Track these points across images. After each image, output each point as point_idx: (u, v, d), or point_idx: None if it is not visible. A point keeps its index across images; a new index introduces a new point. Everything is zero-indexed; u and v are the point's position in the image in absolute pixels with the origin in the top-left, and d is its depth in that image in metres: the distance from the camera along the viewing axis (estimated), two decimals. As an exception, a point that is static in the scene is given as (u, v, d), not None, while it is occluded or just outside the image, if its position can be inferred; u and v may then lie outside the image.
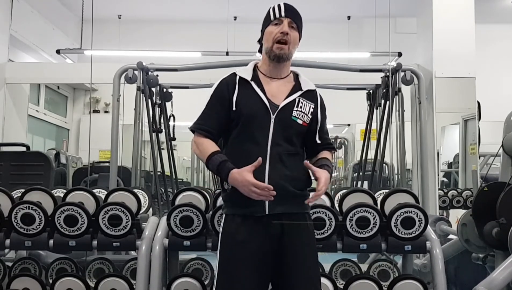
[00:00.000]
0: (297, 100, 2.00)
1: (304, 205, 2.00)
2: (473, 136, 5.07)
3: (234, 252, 1.92)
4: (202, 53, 6.57)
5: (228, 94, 1.98)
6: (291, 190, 1.92)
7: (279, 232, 1.92)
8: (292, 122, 1.97)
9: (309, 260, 1.96)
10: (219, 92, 2.00)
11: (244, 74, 2.01)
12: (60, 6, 7.30)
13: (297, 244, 1.94)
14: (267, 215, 1.91)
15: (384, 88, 4.56)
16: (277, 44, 1.97)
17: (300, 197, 1.97)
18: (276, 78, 2.03)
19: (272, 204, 1.89)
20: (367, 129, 5.05)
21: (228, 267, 1.93)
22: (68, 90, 8.11)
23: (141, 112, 4.43)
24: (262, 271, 1.92)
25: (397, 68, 4.41)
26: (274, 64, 2.01)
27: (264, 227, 1.91)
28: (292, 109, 1.98)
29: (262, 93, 1.97)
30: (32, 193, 2.60)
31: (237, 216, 1.94)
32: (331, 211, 2.41)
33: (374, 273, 2.83)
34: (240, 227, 1.92)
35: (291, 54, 2.01)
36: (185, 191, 2.61)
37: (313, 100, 2.05)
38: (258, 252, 1.90)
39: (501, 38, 7.42)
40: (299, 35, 2.05)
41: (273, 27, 1.99)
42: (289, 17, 1.99)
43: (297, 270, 1.92)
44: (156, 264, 2.41)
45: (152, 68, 4.48)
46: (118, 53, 6.80)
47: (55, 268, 2.90)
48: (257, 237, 1.90)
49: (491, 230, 2.50)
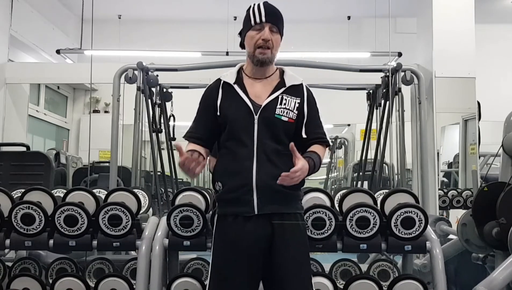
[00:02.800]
0: (280, 97, 2.00)
1: (296, 204, 2.01)
2: (473, 136, 5.07)
3: (225, 251, 1.95)
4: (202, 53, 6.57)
5: (212, 100, 2.02)
6: (280, 189, 1.91)
7: (269, 232, 1.93)
8: (276, 120, 1.98)
9: (300, 260, 1.97)
10: (205, 99, 2.07)
11: (228, 78, 2.04)
12: (60, 6, 7.29)
13: (288, 244, 1.94)
14: (257, 215, 1.92)
15: (384, 88, 4.56)
16: (259, 49, 1.98)
17: (290, 196, 1.98)
18: (261, 78, 2.04)
19: (261, 204, 1.92)
20: (367, 129, 5.06)
21: (220, 266, 1.96)
22: (68, 90, 8.10)
23: (141, 112, 4.43)
24: (253, 270, 1.94)
25: (397, 68, 4.41)
26: (257, 67, 2.02)
27: (254, 227, 1.92)
28: (275, 107, 1.99)
29: (244, 95, 1.99)
30: (32, 193, 2.60)
31: (228, 216, 1.97)
32: (331, 211, 2.41)
33: (374, 273, 2.83)
34: (230, 227, 1.95)
35: (273, 57, 2.02)
36: (185, 191, 2.61)
37: (298, 95, 2.03)
38: (249, 252, 1.92)
39: (501, 38, 7.41)
40: (281, 35, 2.04)
41: (254, 32, 1.99)
42: (269, 22, 1.98)
43: (288, 271, 1.93)
44: (156, 264, 2.41)
45: (152, 68, 4.48)
46: (118, 53, 6.80)
47: (55, 268, 2.90)
48: (247, 237, 1.92)
49: (491, 230, 2.51)
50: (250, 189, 1.92)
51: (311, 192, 2.62)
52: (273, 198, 1.92)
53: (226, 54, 6.39)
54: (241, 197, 1.93)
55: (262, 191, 1.92)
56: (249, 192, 1.92)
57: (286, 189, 1.93)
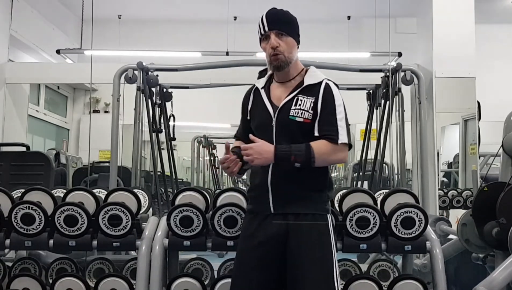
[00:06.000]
0: (295, 98, 2.04)
1: (316, 205, 2.02)
2: (473, 136, 5.07)
3: (244, 244, 2.09)
4: (202, 53, 6.56)
5: (246, 105, 2.18)
6: (294, 190, 1.99)
7: (283, 231, 1.98)
8: (290, 121, 2.01)
9: (315, 260, 1.96)
10: (243, 105, 2.22)
11: (259, 83, 2.16)
12: (60, 6, 7.29)
13: (302, 244, 1.97)
14: (274, 214, 2.00)
15: (384, 88, 4.56)
16: (272, 58, 2.05)
17: (309, 197, 2.01)
18: (284, 81, 2.11)
19: (276, 204, 2.00)
20: (367, 129, 5.05)
21: (239, 258, 2.11)
22: (68, 90, 8.10)
23: (141, 112, 4.43)
24: (267, 265, 1.99)
25: (397, 68, 4.41)
26: (277, 72, 2.11)
27: (269, 225, 2.00)
28: (290, 108, 2.02)
29: (266, 98, 2.09)
30: (32, 193, 2.59)
31: (250, 213, 2.10)
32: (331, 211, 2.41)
33: (374, 273, 2.83)
34: (251, 223, 2.06)
35: (289, 59, 2.05)
36: (185, 191, 2.60)
37: (314, 94, 2.04)
38: (264, 246, 1.99)
39: (501, 38, 7.41)
40: (294, 36, 2.08)
41: (264, 42, 2.08)
42: (274, 29, 2.03)
43: (303, 271, 1.95)
44: (156, 264, 2.41)
45: (152, 68, 4.48)
46: (118, 53, 6.79)
47: (55, 268, 2.90)
48: (263, 232, 2.00)
49: (491, 230, 2.51)
50: (266, 188, 2.02)
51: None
52: (288, 198, 2.00)
53: (226, 54, 6.40)
54: (259, 195, 2.05)
55: (276, 191, 2.00)
56: (265, 192, 2.02)
57: (300, 191, 1.99)
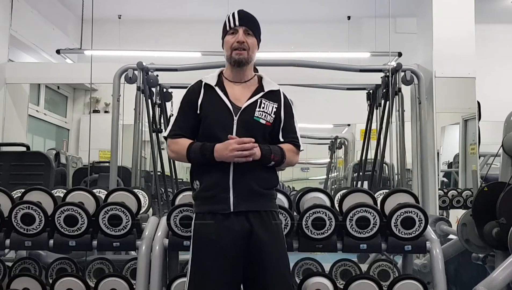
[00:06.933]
0: (259, 101, 2.12)
1: (271, 203, 2.10)
2: (473, 136, 5.07)
3: (205, 250, 2.01)
4: (202, 53, 6.56)
5: (195, 99, 2.12)
6: (256, 188, 2.03)
7: (247, 229, 2.00)
8: (254, 122, 2.09)
9: (278, 255, 2.04)
10: (188, 98, 2.15)
11: (209, 80, 2.15)
12: (60, 6, 7.28)
13: (265, 240, 2.01)
14: (234, 213, 2.00)
15: (384, 88, 4.56)
16: (235, 51, 2.10)
17: (265, 195, 2.07)
18: (239, 82, 2.16)
19: (236, 202, 2.00)
20: (367, 129, 5.05)
21: (200, 265, 2.02)
22: (68, 90, 8.10)
23: (141, 112, 4.43)
24: (234, 267, 2.00)
25: (397, 68, 4.41)
26: (236, 69, 2.14)
27: (231, 224, 2.00)
28: (254, 110, 2.09)
29: (225, 97, 2.10)
30: (32, 193, 2.60)
31: (206, 214, 2.05)
32: (331, 211, 2.41)
33: (374, 273, 2.82)
34: (209, 225, 2.02)
35: (250, 58, 2.13)
36: (185, 191, 2.61)
37: (276, 100, 2.15)
38: (229, 249, 1.98)
39: (501, 38, 7.40)
40: (257, 40, 2.16)
41: (230, 36, 2.13)
42: (243, 26, 2.12)
43: (268, 265, 1.99)
44: (156, 264, 2.41)
45: (152, 68, 4.48)
46: (118, 53, 6.79)
47: (55, 268, 2.89)
48: (225, 234, 1.99)
49: (491, 230, 2.51)
50: (226, 187, 2.01)
51: (311, 192, 2.63)
52: (249, 196, 2.02)
53: (226, 54, 6.38)
54: (217, 195, 2.02)
55: (238, 190, 2.01)
56: (225, 190, 2.01)
57: (261, 188, 2.04)
